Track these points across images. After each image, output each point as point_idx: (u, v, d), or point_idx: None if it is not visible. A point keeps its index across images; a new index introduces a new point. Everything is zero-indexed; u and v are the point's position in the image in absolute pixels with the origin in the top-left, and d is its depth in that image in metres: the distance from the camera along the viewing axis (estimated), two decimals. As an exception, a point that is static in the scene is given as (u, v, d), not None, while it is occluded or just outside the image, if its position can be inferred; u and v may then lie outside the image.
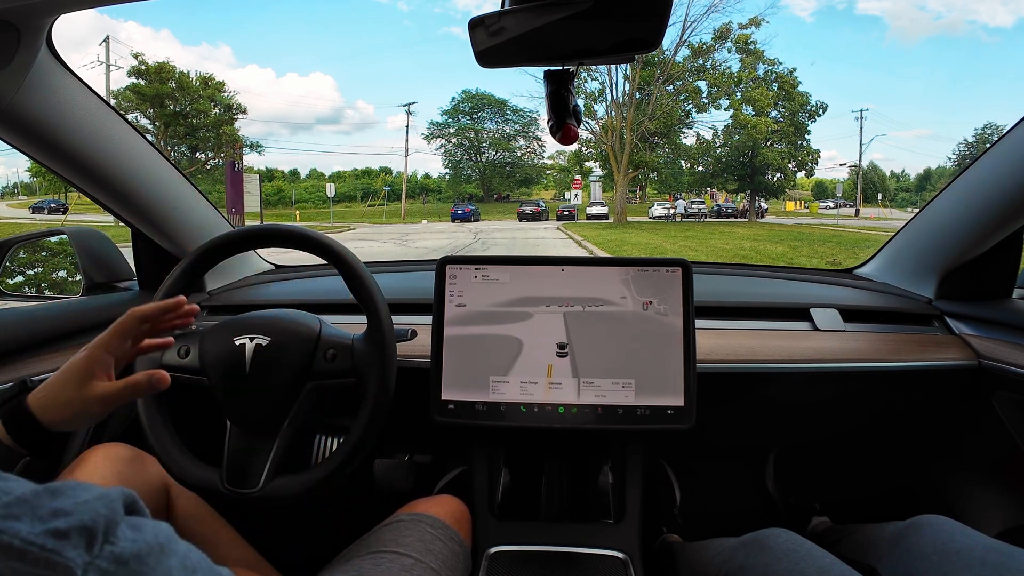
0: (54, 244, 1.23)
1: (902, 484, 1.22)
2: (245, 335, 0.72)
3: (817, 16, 64.74)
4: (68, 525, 0.21)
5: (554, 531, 0.86)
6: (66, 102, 0.78)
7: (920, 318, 1.06)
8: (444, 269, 0.86)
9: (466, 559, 0.75)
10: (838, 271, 1.31)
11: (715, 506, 1.27)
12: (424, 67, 77.21)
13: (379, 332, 0.72)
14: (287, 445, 0.71)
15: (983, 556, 0.60)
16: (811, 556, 0.64)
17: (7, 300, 1.08)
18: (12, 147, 0.78)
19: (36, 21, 0.66)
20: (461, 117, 36.95)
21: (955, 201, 1.02)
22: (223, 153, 24.63)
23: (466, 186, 38.88)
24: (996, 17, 62.98)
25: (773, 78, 25.33)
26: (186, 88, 24.08)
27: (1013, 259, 1.01)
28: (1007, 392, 0.91)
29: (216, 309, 1.13)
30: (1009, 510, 0.99)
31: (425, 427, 0.83)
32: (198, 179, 22.42)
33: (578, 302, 0.84)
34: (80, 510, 0.22)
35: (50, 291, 1.28)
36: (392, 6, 76.23)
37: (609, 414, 0.81)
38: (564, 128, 0.61)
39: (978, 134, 39.19)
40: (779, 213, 33.04)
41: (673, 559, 0.90)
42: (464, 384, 0.83)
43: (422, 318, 1.01)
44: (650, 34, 0.52)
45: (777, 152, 25.31)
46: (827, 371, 0.94)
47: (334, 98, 75.26)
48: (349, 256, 0.75)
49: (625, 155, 23.57)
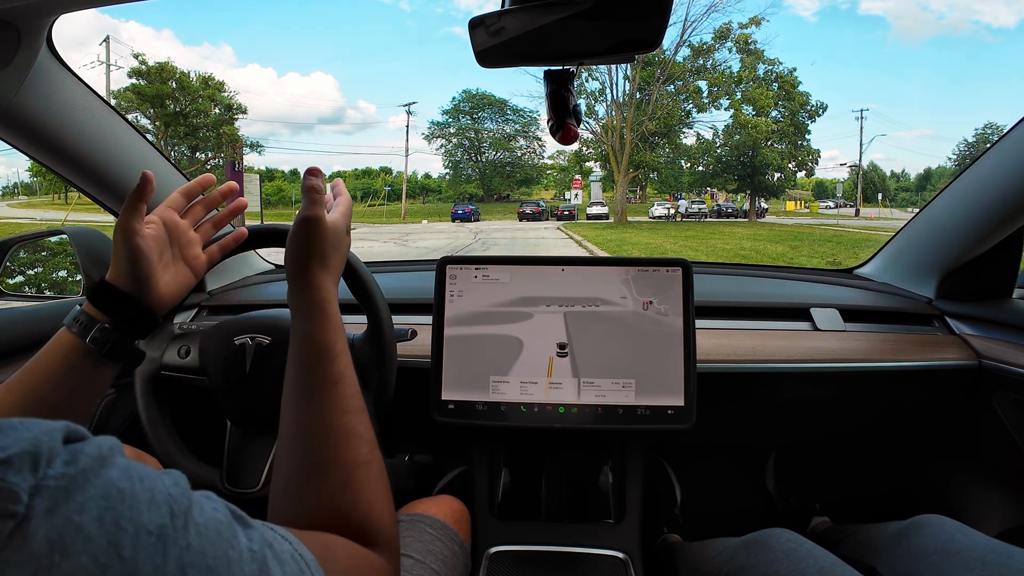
0: (54, 244, 1.23)
1: (902, 484, 1.22)
2: (245, 335, 0.72)
3: (820, 16, 64.84)
4: (7, 454, 0.21)
5: (554, 531, 0.86)
6: (66, 102, 0.78)
7: (920, 318, 1.06)
8: (444, 269, 0.86)
9: (466, 559, 0.75)
10: (838, 271, 1.31)
11: (715, 506, 1.27)
12: (425, 67, 77.41)
13: (379, 332, 0.72)
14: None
15: (983, 556, 0.60)
16: (812, 556, 0.64)
17: (7, 300, 1.08)
18: (12, 147, 0.78)
19: (36, 21, 0.66)
20: (461, 117, 37.00)
21: (955, 201, 1.02)
22: (223, 153, 24.63)
23: (466, 186, 38.90)
24: (999, 17, 63.04)
25: (773, 78, 25.35)
26: (186, 88, 24.10)
27: (1013, 259, 1.01)
28: (1007, 392, 0.91)
29: (216, 309, 1.13)
30: (1009, 510, 0.99)
31: (425, 427, 0.83)
32: (198, 179, 22.32)
33: (578, 302, 0.84)
34: (20, 441, 0.22)
35: (50, 291, 1.28)
36: (394, 6, 76.34)
37: (609, 414, 0.81)
38: (564, 128, 0.61)
39: (978, 134, 39.22)
40: (779, 213, 33.04)
41: (674, 559, 0.90)
42: (464, 384, 0.83)
43: (422, 318, 1.01)
44: (650, 34, 0.52)
45: (777, 152, 25.31)
46: (827, 371, 0.94)
47: (335, 98, 75.42)
48: (349, 256, 0.75)
49: (625, 155, 23.58)
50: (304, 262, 0.51)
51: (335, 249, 0.54)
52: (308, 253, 0.51)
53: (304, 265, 0.51)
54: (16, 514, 0.20)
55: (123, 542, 0.22)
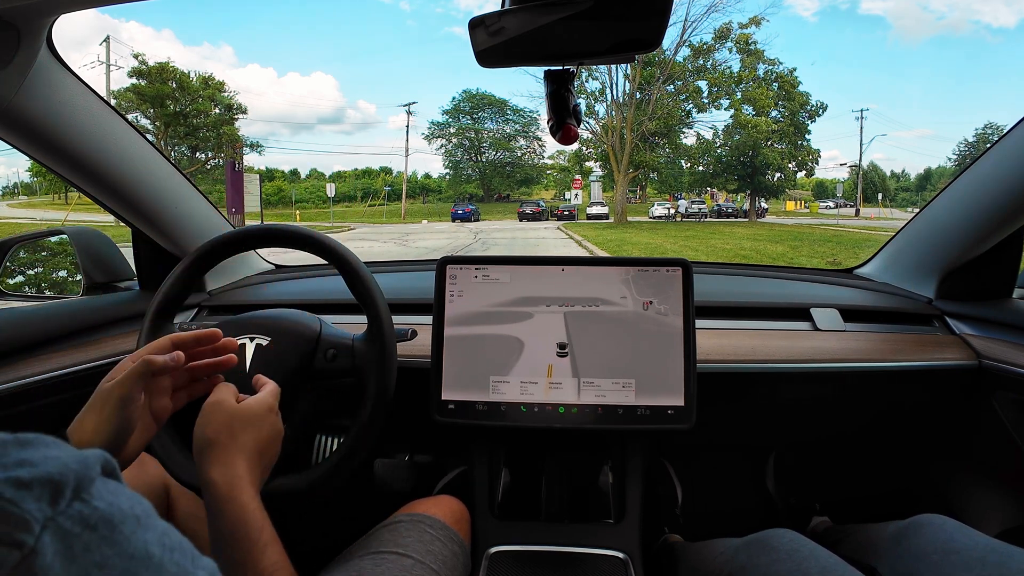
0: (54, 244, 1.23)
1: (902, 484, 1.22)
2: (245, 335, 0.72)
3: (820, 16, 64.85)
4: (31, 476, 0.19)
5: (554, 531, 0.86)
6: (66, 102, 0.78)
7: (920, 318, 1.06)
8: (444, 269, 0.85)
9: (466, 559, 0.75)
10: (838, 271, 1.31)
11: (715, 506, 1.27)
12: (425, 67, 77.43)
13: (379, 332, 0.72)
14: (287, 445, 0.71)
15: (983, 556, 0.60)
16: (814, 556, 0.64)
17: (7, 300, 1.08)
18: (12, 147, 0.78)
19: (36, 21, 0.66)
20: (462, 117, 37.00)
21: (955, 201, 1.02)
22: (223, 153, 24.63)
23: (466, 186, 38.89)
24: (999, 17, 63.06)
25: (773, 78, 25.35)
26: (187, 88, 24.09)
27: (1013, 259, 1.01)
28: (1007, 392, 0.91)
29: (216, 309, 1.13)
30: (1009, 510, 0.99)
31: (425, 427, 0.83)
32: (198, 179, 22.44)
33: (578, 302, 0.84)
34: (47, 463, 0.20)
35: (50, 291, 1.28)
36: (395, 6, 76.37)
37: (609, 414, 0.81)
38: (564, 128, 0.61)
39: (979, 134, 39.22)
40: (779, 213, 33.04)
41: (674, 559, 0.90)
42: (464, 384, 0.83)
43: (422, 318, 1.01)
44: (650, 34, 0.52)
45: (777, 152, 25.31)
46: (827, 371, 0.94)
47: (336, 98, 75.44)
48: (349, 256, 0.75)
49: (625, 155, 23.57)
50: (202, 450, 0.50)
51: (245, 431, 0.52)
52: (207, 440, 0.50)
53: (200, 453, 0.50)
54: (23, 544, 0.18)
55: None
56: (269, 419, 0.55)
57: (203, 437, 0.51)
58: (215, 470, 0.49)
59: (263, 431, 0.54)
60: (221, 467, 0.50)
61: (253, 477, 0.51)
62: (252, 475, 0.51)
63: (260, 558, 0.45)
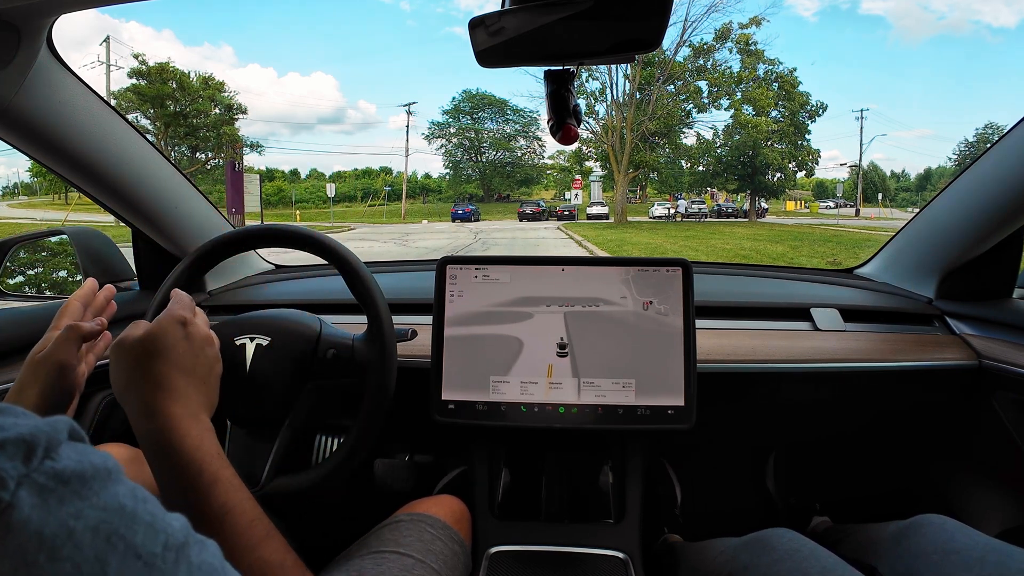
0: (54, 244, 1.23)
1: (902, 484, 1.22)
2: (245, 335, 0.72)
3: (820, 16, 64.89)
4: (3, 437, 0.21)
5: (554, 531, 0.86)
6: (66, 102, 0.78)
7: (920, 318, 1.06)
8: (444, 269, 0.85)
9: (466, 559, 0.75)
10: (838, 271, 1.31)
11: (715, 506, 1.27)
12: (425, 67, 77.49)
13: (379, 332, 0.72)
14: (287, 445, 0.71)
15: (983, 556, 0.60)
16: (815, 556, 0.64)
17: (7, 300, 1.08)
18: (12, 147, 0.78)
19: (36, 21, 0.66)
20: (462, 117, 37.01)
21: (955, 201, 1.02)
22: (223, 153, 24.64)
23: (466, 186, 38.90)
24: (1000, 17, 63.08)
25: (773, 78, 25.35)
26: (187, 88, 24.09)
27: (1013, 259, 1.01)
28: (1007, 392, 0.91)
29: (216, 309, 1.13)
30: (1009, 510, 0.99)
31: (425, 427, 0.83)
32: (198, 179, 22.44)
33: (578, 302, 0.84)
34: (18, 427, 0.21)
35: (50, 291, 1.28)
36: (395, 6, 76.38)
37: (609, 414, 0.81)
38: (564, 128, 0.61)
39: (979, 134, 39.22)
40: (779, 213, 33.04)
41: (674, 559, 0.90)
42: (464, 384, 0.83)
43: (422, 318, 1.01)
44: (650, 34, 0.52)
45: (777, 152, 25.31)
46: (827, 371, 0.94)
47: (336, 98, 75.48)
48: (349, 256, 0.75)
49: (625, 155, 23.58)
50: (123, 401, 0.46)
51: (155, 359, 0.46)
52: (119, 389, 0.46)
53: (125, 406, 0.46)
54: (0, 500, 0.20)
55: (110, 559, 0.21)
56: (177, 332, 0.49)
57: (117, 386, 0.47)
58: (141, 421, 0.45)
59: (177, 349, 0.48)
60: (145, 417, 0.44)
61: (188, 404, 0.46)
62: (186, 405, 0.46)
63: (210, 499, 0.42)
